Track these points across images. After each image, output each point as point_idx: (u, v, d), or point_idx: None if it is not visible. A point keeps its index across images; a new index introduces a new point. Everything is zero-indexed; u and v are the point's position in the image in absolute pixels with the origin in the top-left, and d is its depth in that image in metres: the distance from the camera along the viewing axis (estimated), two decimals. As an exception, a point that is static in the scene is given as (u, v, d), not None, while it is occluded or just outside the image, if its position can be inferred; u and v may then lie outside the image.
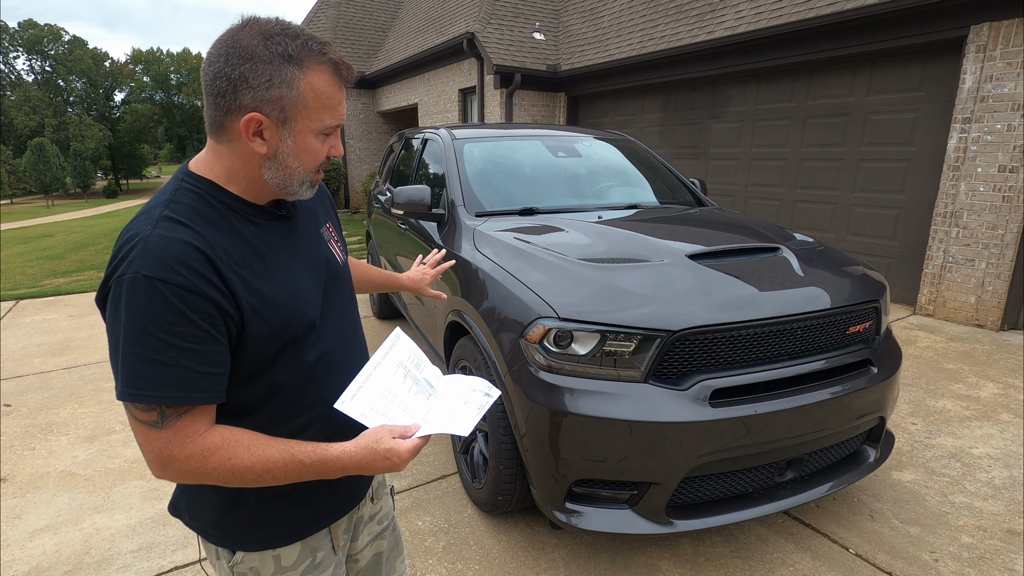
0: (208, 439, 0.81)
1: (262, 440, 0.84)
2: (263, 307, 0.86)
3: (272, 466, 0.83)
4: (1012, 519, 2.33)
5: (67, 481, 2.65)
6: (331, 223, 1.11)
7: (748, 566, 2.08)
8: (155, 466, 0.81)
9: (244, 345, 0.85)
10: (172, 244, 0.78)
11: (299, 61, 0.82)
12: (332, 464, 0.85)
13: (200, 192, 0.86)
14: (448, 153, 3.28)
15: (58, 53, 57.22)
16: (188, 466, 0.80)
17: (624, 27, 8.40)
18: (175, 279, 0.76)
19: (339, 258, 1.08)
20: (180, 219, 0.82)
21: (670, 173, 3.69)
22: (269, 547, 0.98)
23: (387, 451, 0.85)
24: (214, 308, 0.79)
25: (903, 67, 5.29)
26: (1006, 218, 4.56)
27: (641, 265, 2.12)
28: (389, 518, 1.24)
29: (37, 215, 31.26)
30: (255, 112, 0.81)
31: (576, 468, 1.84)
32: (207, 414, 0.83)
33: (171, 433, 0.79)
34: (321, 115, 0.85)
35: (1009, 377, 3.75)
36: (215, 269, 0.80)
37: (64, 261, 9.07)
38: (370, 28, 14.42)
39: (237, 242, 0.86)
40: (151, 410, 0.78)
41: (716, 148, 7.23)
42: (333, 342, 1.00)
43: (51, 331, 4.98)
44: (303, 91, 0.82)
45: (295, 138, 0.85)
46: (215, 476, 0.81)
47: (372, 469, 0.86)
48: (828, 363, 2.01)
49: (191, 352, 0.78)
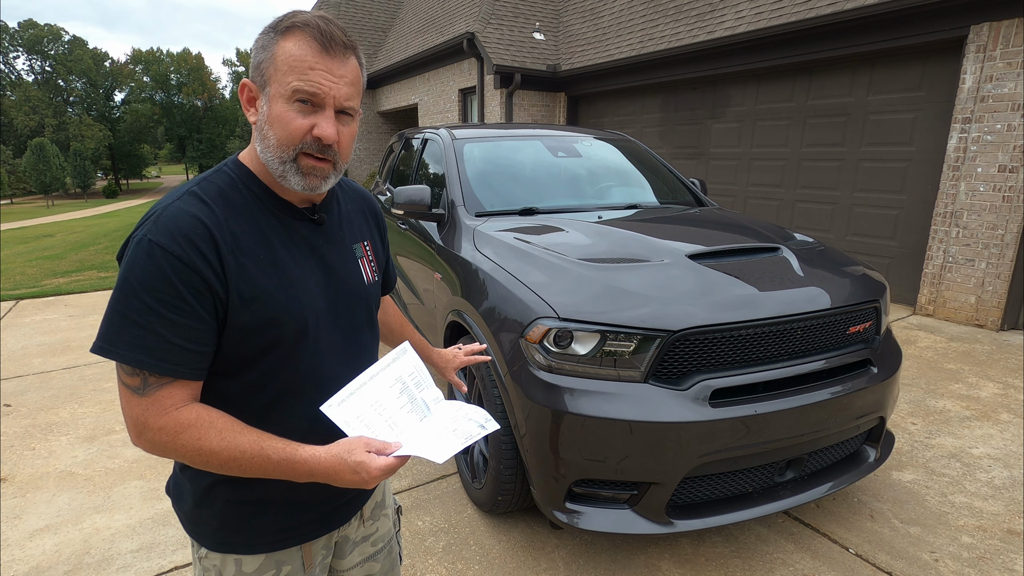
0: (183, 414, 0.81)
1: (236, 427, 0.83)
2: (253, 298, 0.84)
3: (239, 455, 0.81)
4: (1012, 519, 2.33)
5: (67, 481, 2.65)
6: (370, 243, 1.08)
7: (748, 566, 2.08)
8: (132, 432, 0.82)
9: (228, 331, 0.84)
10: (183, 216, 0.81)
11: (279, 28, 0.85)
12: (299, 466, 0.82)
13: (234, 177, 0.90)
14: (448, 153, 3.28)
15: (58, 53, 57.21)
16: (159, 438, 0.80)
17: (624, 27, 8.40)
18: (173, 248, 0.78)
19: (366, 278, 1.04)
20: (202, 196, 0.85)
21: (670, 173, 3.69)
22: (232, 551, 0.95)
23: (357, 464, 0.81)
24: (203, 284, 0.80)
25: (903, 67, 5.29)
26: (1006, 218, 4.56)
27: (641, 265, 2.12)
28: (385, 540, 1.18)
29: (37, 215, 31.25)
30: (246, 79, 0.88)
31: (576, 468, 1.84)
32: (188, 390, 0.83)
33: (149, 401, 0.80)
34: (287, 76, 0.83)
35: (1009, 377, 3.75)
36: (215, 247, 0.81)
37: (64, 261, 9.07)
38: (370, 28, 14.42)
39: (250, 229, 0.87)
40: (135, 375, 0.80)
41: (716, 148, 7.23)
42: (330, 359, 0.96)
43: (51, 331, 4.98)
44: (275, 53, 0.84)
45: (270, 104, 0.85)
46: (183, 453, 0.81)
47: (338, 480, 0.82)
48: (828, 363, 2.01)
49: (169, 322, 0.78)
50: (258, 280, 0.85)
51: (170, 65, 65.91)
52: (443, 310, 2.75)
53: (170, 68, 65.67)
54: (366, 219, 1.10)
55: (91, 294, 6.43)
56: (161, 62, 65.47)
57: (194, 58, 67.00)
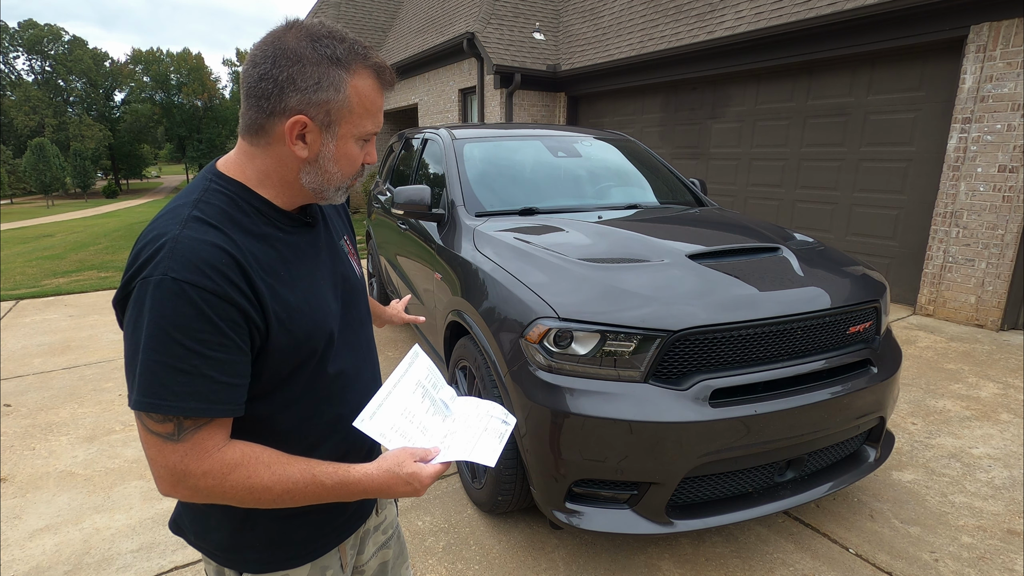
0: (227, 455, 0.76)
1: (282, 458, 0.80)
2: (288, 317, 0.83)
3: (292, 486, 0.78)
4: (1012, 519, 2.33)
5: (67, 481, 2.65)
6: (347, 236, 1.09)
7: (748, 566, 2.08)
8: (165, 482, 0.75)
9: (266, 356, 0.82)
10: (202, 247, 0.75)
11: (346, 64, 0.81)
12: (353, 487, 0.81)
13: (230, 194, 0.83)
14: (448, 153, 3.28)
15: (58, 53, 57.23)
16: (204, 483, 0.75)
17: (624, 27, 8.40)
18: (205, 283, 0.73)
19: (356, 272, 1.06)
20: (210, 221, 0.79)
21: (670, 173, 3.69)
22: (279, 568, 0.94)
23: (409, 475, 0.82)
24: (241, 316, 0.76)
25: (903, 67, 5.29)
26: (1006, 218, 4.56)
27: (641, 265, 2.12)
28: (393, 526, 1.21)
29: (37, 215, 31.26)
30: (301, 115, 0.80)
31: (576, 468, 1.84)
32: (225, 428, 0.79)
33: (188, 447, 0.74)
34: (364, 120, 0.84)
35: (1009, 377, 3.75)
36: (244, 275, 0.77)
37: (64, 261, 9.07)
38: (370, 28, 14.42)
39: (266, 249, 0.83)
40: (167, 421, 0.74)
41: (716, 148, 7.23)
42: (350, 358, 0.97)
43: (51, 331, 4.98)
44: (349, 95, 0.81)
45: (337, 143, 0.83)
46: (232, 495, 0.77)
47: (392, 493, 0.83)
48: (828, 363, 2.01)
49: (216, 361, 0.74)
50: (288, 298, 0.84)
51: (170, 65, 65.92)
52: (443, 310, 2.75)
53: (170, 68, 65.69)
54: (339, 214, 1.10)
55: (91, 294, 6.43)
56: (161, 62, 65.48)
57: (194, 58, 67.01)
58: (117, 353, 4.36)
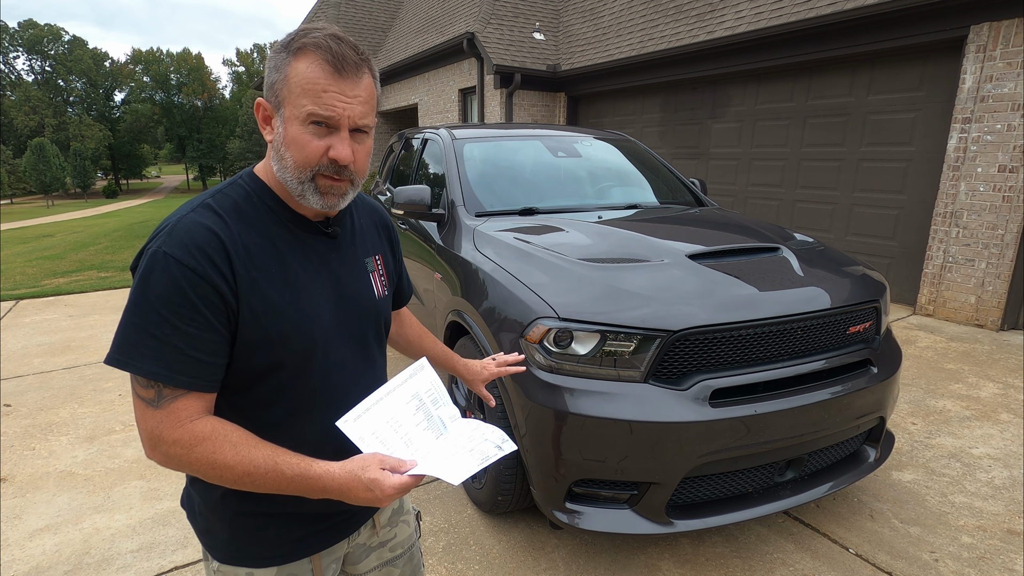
0: (197, 427, 0.80)
1: (250, 441, 0.82)
2: (264, 313, 0.85)
3: (253, 469, 0.80)
4: (1012, 519, 2.33)
5: (67, 481, 2.65)
6: (381, 257, 1.08)
7: (748, 566, 2.08)
8: (146, 445, 0.81)
9: (237, 345, 0.84)
10: (197, 229, 0.81)
11: (290, 47, 0.84)
12: (313, 482, 0.81)
13: (248, 190, 0.90)
14: (448, 153, 3.28)
15: (58, 53, 57.25)
16: (173, 451, 0.80)
17: (624, 27, 8.40)
18: (188, 261, 0.79)
19: (376, 292, 1.04)
20: (217, 209, 0.85)
21: (670, 173, 3.69)
22: (244, 564, 0.95)
23: (371, 481, 0.79)
24: (218, 297, 0.80)
25: (903, 67, 5.29)
26: (1006, 218, 4.56)
27: (641, 265, 2.12)
28: (406, 546, 1.17)
29: (37, 215, 31.26)
30: (261, 99, 0.88)
31: (576, 468, 1.84)
32: (202, 402, 0.82)
33: (163, 414, 0.79)
34: (301, 100, 0.82)
35: (1009, 377, 3.75)
36: (228, 260, 0.82)
37: (64, 261, 9.07)
38: (370, 28, 14.42)
39: (263, 243, 0.87)
40: (150, 387, 0.80)
41: (716, 148, 7.23)
42: (341, 375, 0.95)
43: (51, 331, 4.98)
44: (288, 74, 0.84)
45: (285, 125, 0.85)
46: (196, 467, 0.80)
47: (351, 497, 0.81)
48: (828, 363, 2.01)
49: (185, 334, 0.79)
50: (269, 294, 0.86)
51: (170, 65, 65.90)
52: (443, 310, 2.75)
53: (170, 68, 65.66)
54: (378, 233, 1.10)
55: (91, 294, 6.43)
56: (161, 62, 65.46)
57: (194, 58, 66.99)
58: (117, 353, 4.35)
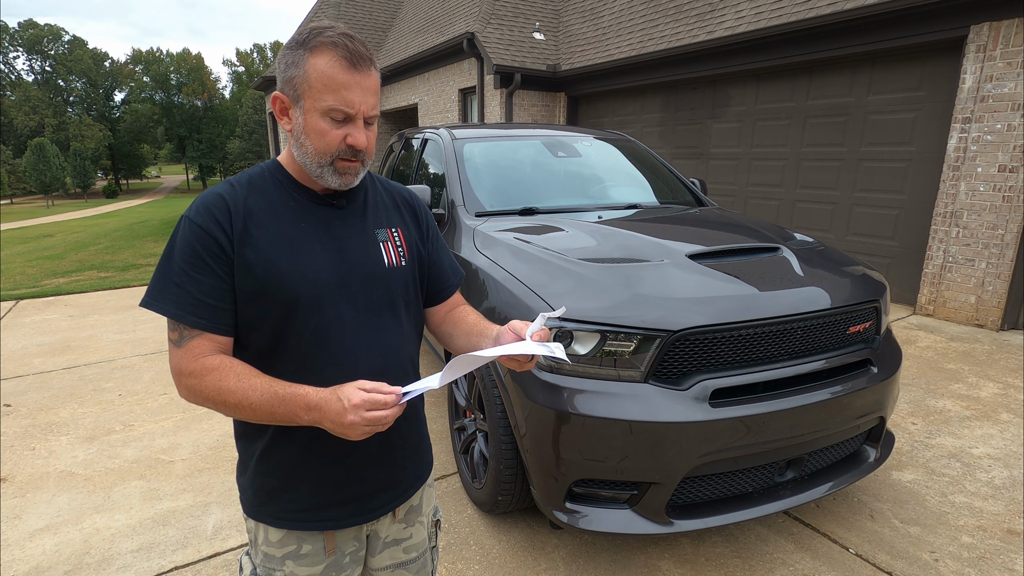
0: (209, 361, 0.92)
1: (252, 372, 0.93)
2: (256, 262, 0.94)
3: (251, 392, 0.89)
4: (1012, 519, 2.33)
5: (67, 481, 2.65)
6: (400, 230, 1.11)
7: (748, 566, 2.08)
8: (175, 381, 0.95)
9: (237, 294, 0.95)
10: (211, 196, 0.97)
11: (307, 44, 0.92)
12: (300, 399, 0.88)
13: (264, 168, 1.04)
14: (448, 153, 3.28)
15: (58, 53, 57.25)
16: (190, 382, 0.92)
17: (624, 27, 8.40)
18: (198, 220, 0.93)
19: (387, 260, 1.07)
20: (232, 182, 1.00)
21: (670, 173, 3.69)
22: (260, 519, 1.05)
23: (343, 392, 0.86)
24: (219, 248, 0.93)
25: (903, 67, 5.29)
26: (1006, 218, 4.56)
27: (641, 265, 2.12)
28: (420, 550, 1.19)
29: (37, 215, 31.26)
30: (279, 92, 0.96)
31: (576, 468, 1.84)
32: (215, 343, 0.94)
33: (183, 352, 0.93)
34: (323, 95, 0.91)
35: (1009, 377, 3.75)
36: (229, 217, 0.94)
37: (64, 261, 9.07)
38: (370, 28, 14.42)
39: (266, 206, 0.98)
40: (175, 329, 0.94)
41: (716, 148, 7.23)
42: (340, 333, 0.99)
43: (51, 331, 4.98)
44: (307, 70, 0.91)
45: (304, 117, 0.94)
46: (207, 395, 0.91)
47: (328, 410, 0.87)
48: (828, 363, 2.01)
49: (196, 281, 0.92)
50: (263, 247, 0.95)
51: (170, 65, 65.88)
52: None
53: (170, 68, 65.64)
54: (399, 210, 1.15)
55: (91, 294, 6.43)
56: (161, 62, 65.45)
57: (194, 58, 66.98)
58: (117, 353, 4.36)
